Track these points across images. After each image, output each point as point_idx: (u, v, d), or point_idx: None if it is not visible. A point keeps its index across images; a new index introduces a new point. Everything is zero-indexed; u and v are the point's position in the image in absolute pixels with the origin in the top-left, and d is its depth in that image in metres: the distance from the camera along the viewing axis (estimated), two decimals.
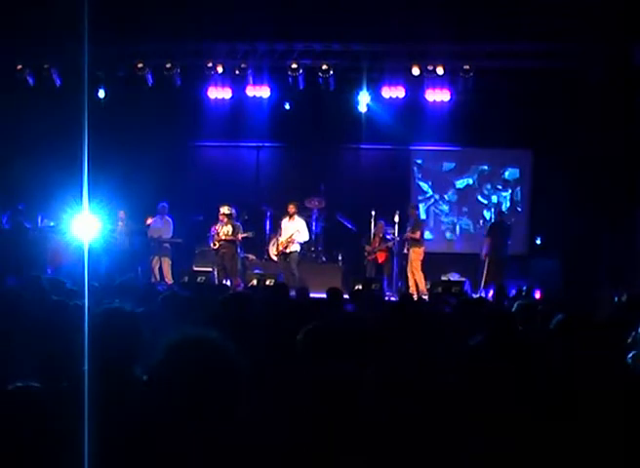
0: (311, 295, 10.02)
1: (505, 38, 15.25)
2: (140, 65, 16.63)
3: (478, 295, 14.58)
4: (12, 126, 16.66)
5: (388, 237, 16.48)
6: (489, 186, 18.28)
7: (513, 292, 13.06)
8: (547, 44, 15.29)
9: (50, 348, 4.94)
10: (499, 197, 18.23)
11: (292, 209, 16.22)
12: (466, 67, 16.04)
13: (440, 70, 16.16)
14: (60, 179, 16.32)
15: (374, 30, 15.26)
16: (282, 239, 16.08)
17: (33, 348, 5.09)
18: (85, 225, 16.01)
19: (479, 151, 18.37)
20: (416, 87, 16.70)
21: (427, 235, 17.61)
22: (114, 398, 3.64)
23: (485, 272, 15.96)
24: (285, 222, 16.30)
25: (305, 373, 3.97)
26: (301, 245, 16.73)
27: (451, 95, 16.70)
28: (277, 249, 16.39)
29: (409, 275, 15.97)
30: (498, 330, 5.66)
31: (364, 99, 16.91)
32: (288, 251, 15.98)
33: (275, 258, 16.74)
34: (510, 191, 18.21)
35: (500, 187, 18.27)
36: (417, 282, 15.72)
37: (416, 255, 15.98)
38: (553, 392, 4.27)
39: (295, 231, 16.04)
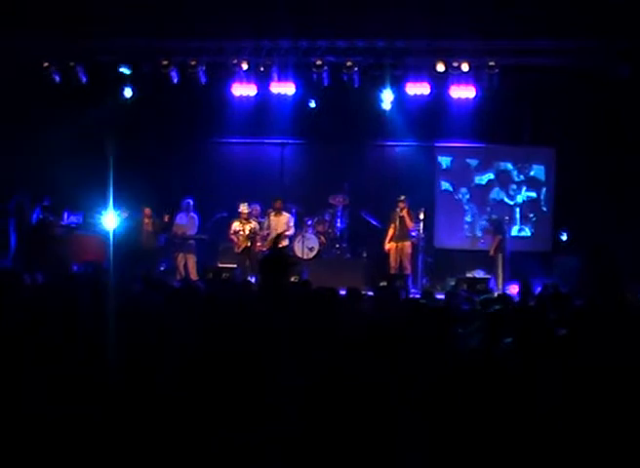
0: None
1: (531, 35, 15.22)
2: (165, 63, 16.72)
3: (502, 293, 14.53)
4: (38, 123, 16.80)
5: (413, 234, 16.49)
6: (514, 186, 18.24)
7: (538, 289, 13.00)
8: (573, 41, 15.25)
9: None
10: (523, 196, 18.18)
11: (278, 204, 16.44)
12: (492, 64, 16.00)
13: (465, 67, 16.13)
14: (86, 176, 16.48)
15: (398, 27, 15.27)
16: (273, 235, 16.24)
17: None
18: (110, 222, 16.14)
19: (504, 149, 18.36)
20: (440, 84, 16.67)
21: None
22: None
23: (501, 269, 16.05)
24: (272, 217, 16.59)
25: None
26: (326, 241, 16.98)
27: (476, 91, 16.65)
28: (268, 244, 16.39)
29: (405, 270, 16.14)
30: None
31: (388, 97, 16.90)
32: (280, 246, 16.21)
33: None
34: (535, 189, 18.17)
35: (524, 186, 18.21)
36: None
37: (410, 249, 16.43)
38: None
39: (285, 227, 16.36)
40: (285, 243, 16.45)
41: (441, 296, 11.46)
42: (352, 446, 3.70)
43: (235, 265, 15.99)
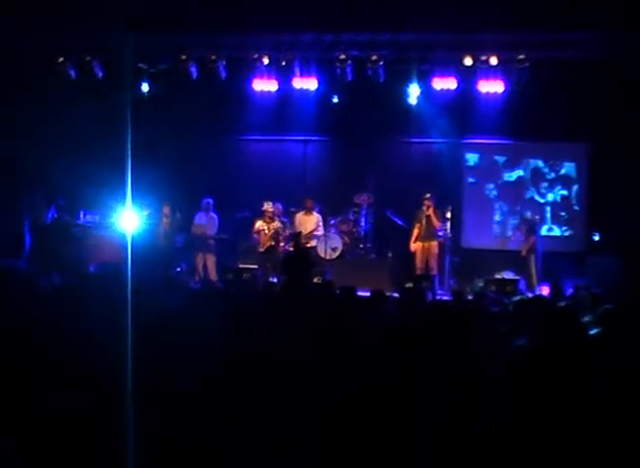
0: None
1: (562, 27, 15.08)
2: (183, 57, 16.75)
3: (534, 294, 14.45)
4: (53, 119, 16.83)
5: (440, 233, 16.45)
6: (545, 184, 18.14)
7: (570, 290, 12.91)
8: (606, 33, 15.09)
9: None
10: (555, 195, 18.07)
11: (309, 203, 16.55)
12: (521, 57, 15.89)
13: (494, 60, 16.03)
14: (103, 174, 16.50)
15: (424, 19, 15.20)
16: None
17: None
18: (127, 221, 16.15)
19: (534, 145, 18.21)
20: (468, 78, 16.59)
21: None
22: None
23: (534, 270, 15.97)
24: (301, 217, 16.72)
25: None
26: (349, 241, 16.97)
27: (505, 86, 16.58)
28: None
29: (431, 271, 16.10)
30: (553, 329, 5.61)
31: (414, 92, 16.86)
32: (308, 246, 16.28)
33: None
34: (566, 187, 18.06)
35: (555, 184, 18.10)
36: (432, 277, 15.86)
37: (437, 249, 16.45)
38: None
39: (314, 227, 16.57)
40: (313, 243, 16.53)
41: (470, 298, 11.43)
42: (369, 448, 3.72)
43: (256, 266, 16.01)
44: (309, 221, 16.59)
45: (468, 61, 16.09)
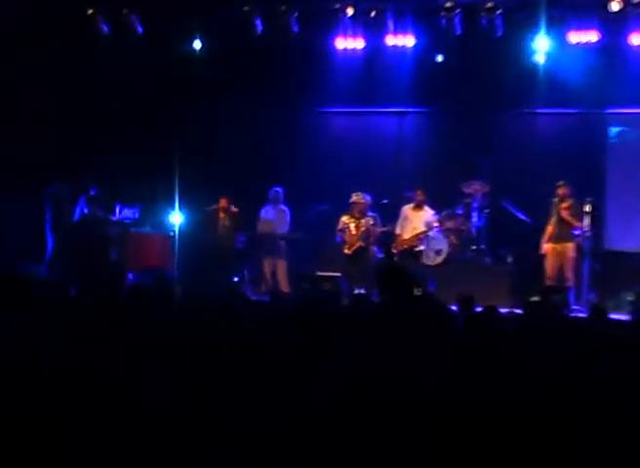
0: None
1: None
2: (245, 8, 16.76)
3: None
4: (80, 86, 16.94)
5: (577, 232, 16.19)
6: None
7: None
8: None
9: None
10: None
11: (420, 196, 16.70)
12: None
13: None
14: (144, 159, 16.60)
15: None
16: (407, 235, 16.35)
17: None
18: (175, 217, 16.22)
19: None
20: (615, 29, 16.34)
21: None
22: None
23: None
24: (409, 212, 16.80)
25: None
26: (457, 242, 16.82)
27: None
28: (399, 245, 16.47)
29: (566, 281, 15.90)
30: None
31: (542, 48, 16.63)
32: (416, 250, 16.27)
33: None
34: None
35: None
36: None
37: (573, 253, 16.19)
38: None
39: (426, 226, 16.64)
40: (421, 247, 16.46)
41: (617, 317, 11.23)
42: None
43: (338, 273, 15.88)
44: (420, 219, 16.46)
45: (615, 6, 15.83)
